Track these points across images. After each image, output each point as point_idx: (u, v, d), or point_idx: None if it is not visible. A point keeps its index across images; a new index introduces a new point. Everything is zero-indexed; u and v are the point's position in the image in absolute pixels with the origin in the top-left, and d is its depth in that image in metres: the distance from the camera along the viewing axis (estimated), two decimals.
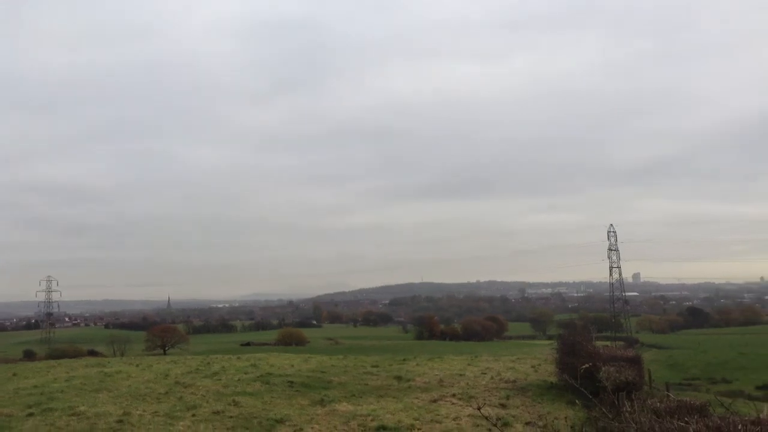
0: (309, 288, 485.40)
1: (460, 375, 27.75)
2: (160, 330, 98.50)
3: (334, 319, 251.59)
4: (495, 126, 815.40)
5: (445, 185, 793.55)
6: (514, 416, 17.74)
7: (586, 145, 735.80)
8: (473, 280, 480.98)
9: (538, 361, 33.63)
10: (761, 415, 6.60)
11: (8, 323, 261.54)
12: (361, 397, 21.82)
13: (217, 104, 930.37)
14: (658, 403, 10.46)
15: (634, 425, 7.17)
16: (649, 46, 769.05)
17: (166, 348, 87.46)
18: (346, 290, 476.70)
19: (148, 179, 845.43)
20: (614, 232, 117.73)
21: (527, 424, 16.64)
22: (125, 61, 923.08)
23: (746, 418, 6.60)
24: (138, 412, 18.95)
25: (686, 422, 6.72)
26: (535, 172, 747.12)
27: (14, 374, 31.20)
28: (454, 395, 21.92)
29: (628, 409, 8.63)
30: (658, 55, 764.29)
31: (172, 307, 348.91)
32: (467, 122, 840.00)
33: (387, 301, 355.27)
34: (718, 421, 6.61)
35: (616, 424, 7.65)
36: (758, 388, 34.63)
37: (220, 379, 26.51)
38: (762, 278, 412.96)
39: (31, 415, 18.60)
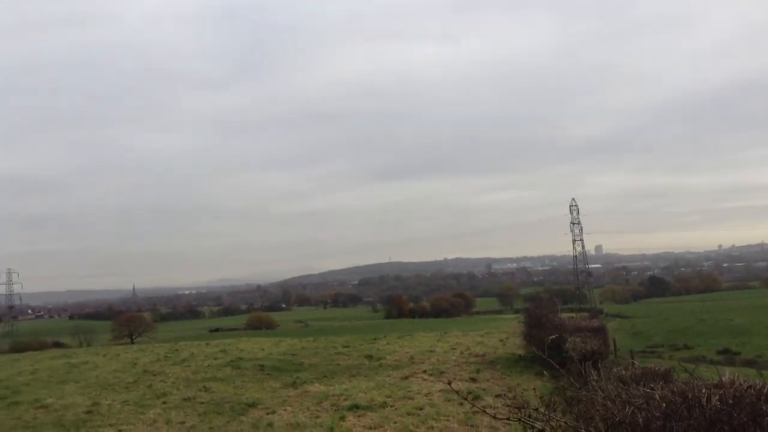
0: (276, 272, 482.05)
1: (430, 351, 28.06)
2: (126, 319, 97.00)
3: (303, 301, 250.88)
4: (452, 106, 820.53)
5: (406, 165, 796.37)
6: (484, 389, 18.03)
7: (541, 123, 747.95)
8: (440, 258, 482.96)
9: (505, 334, 34.21)
10: (723, 379, 6.79)
11: None
12: (332, 378, 21.92)
13: (171, 91, 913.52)
14: (624, 371, 10.72)
15: (601, 393, 7.31)
16: (593, 26, 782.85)
17: (133, 337, 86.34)
18: (314, 273, 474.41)
19: (102, 167, 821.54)
20: (576, 206, 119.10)
21: (497, 396, 16.93)
22: (71, 48, 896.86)
23: (709, 383, 6.78)
24: (107, 402, 18.75)
25: (651, 388, 6.88)
26: (494, 150, 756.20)
27: None
28: (425, 371, 22.17)
29: (595, 378, 8.82)
30: (603, 33, 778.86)
31: (137, 296, 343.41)
32: (425, 102, 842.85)
33: (355, 282, 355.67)
34: (683, 386, 6.78)
35: (584, 392, 7.81)
36: (719, 352, 35.73)
37: (189, 366, 26.36)
38: (720, 246, 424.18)
39: None
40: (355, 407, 16.32)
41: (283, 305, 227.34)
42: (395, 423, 14.65)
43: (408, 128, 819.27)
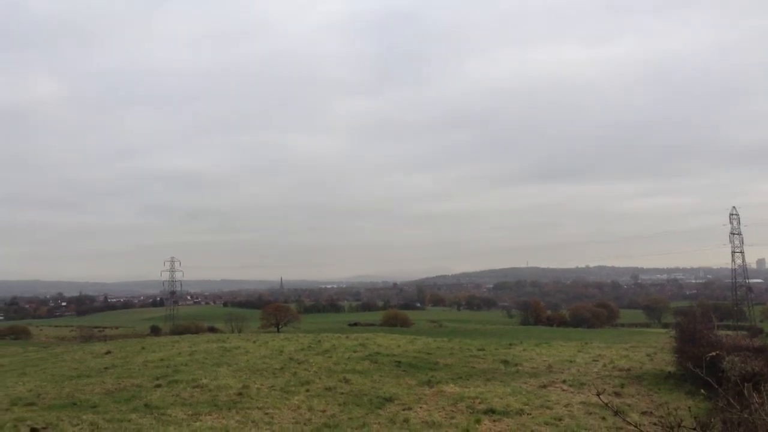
0: (412, 271, 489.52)
1: (570, 362, 27.08)
2: (274, 308, 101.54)
3: (437, 302, 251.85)
4: (600, 109, 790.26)
5: (549, 169, 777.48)
6: (629, 405, 17.14)
7: (696, 127, 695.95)
8: (582, 265, 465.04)
9: (653, 349, 32.19)
10: None
11: (136, 300, 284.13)
12: (467, 380, 21.85)
13: (326, 97, 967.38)
14: None
15: (765, 417, 6.76)
16: (758, 24, 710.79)
17: (280, 326, 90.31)
18: (449, 274, 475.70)
19: (258, 167, 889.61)
20: (737, 215, 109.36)
21: (643, 413, 16.04)
22: (239, 58, 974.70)
23: None
24: (256, 386, 20.04)
25: None
26: (643, 154, 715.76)
27: (143, 348, 33.84)
28: (564, 381, 21.45)
29: (757, 401, 8.14)
30: None
31: (284, 287, 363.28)
32: (571, 106, 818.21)
33: (490, 286, 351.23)
34: None
35: (746, 415, 7.24)
36: None
37: (330, 357, 27.42)
38: None
39: (158, 386, 20.13)
40: (490, 411, 16.19)
41: (418, 304, 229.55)
42: (532, 431, 14.38)
43: (554, 132, 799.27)
